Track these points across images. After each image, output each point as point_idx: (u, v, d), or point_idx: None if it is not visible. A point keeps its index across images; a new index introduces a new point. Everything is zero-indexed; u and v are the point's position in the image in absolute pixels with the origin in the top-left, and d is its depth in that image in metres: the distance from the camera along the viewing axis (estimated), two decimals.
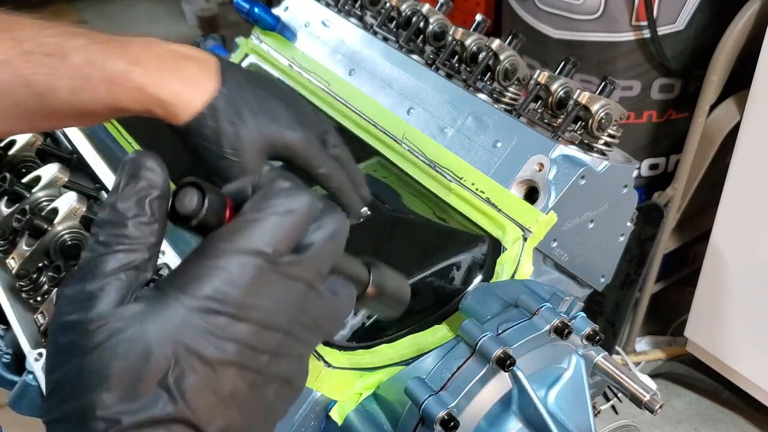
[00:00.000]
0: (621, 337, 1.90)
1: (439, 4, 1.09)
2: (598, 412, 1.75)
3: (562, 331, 0.66)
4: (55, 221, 0.78)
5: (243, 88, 0.64)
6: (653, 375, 1.95)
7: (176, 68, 0.61)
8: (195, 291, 0.36)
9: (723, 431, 1.83)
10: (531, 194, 0.90)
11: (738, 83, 1.53)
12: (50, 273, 0.71)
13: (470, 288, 0.85)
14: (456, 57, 1.04)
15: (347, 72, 1.13)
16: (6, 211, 0.83)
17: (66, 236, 0.78)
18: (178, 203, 0.39)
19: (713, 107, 1.57)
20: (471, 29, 1.04)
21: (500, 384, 0.66)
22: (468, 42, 1.01)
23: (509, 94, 0.99)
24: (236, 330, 0.36)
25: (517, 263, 0.86)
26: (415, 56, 1.08)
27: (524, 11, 1.76)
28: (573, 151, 0.88)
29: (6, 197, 0.84)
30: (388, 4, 1.13)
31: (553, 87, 0.91)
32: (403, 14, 1.11)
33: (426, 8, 1.07)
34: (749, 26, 1.46)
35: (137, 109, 0.60)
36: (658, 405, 0.68)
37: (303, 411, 0.70)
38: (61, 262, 0.70)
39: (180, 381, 0.35)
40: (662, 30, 1.57)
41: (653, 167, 1.81)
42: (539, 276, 0.93)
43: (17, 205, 0.82)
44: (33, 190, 0.84)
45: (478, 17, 1.06)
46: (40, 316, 0.71)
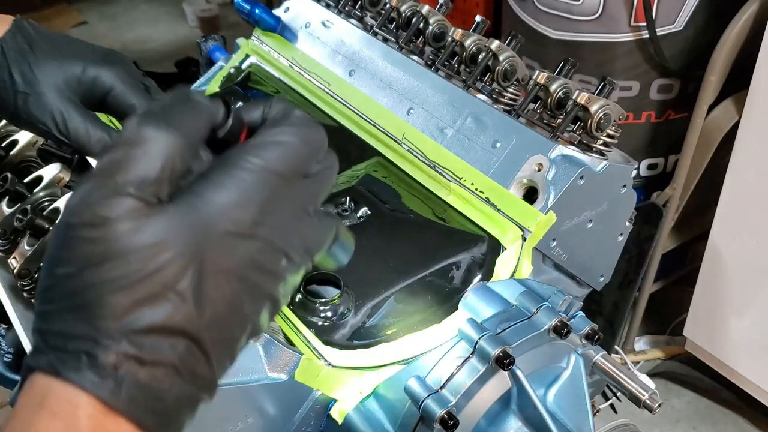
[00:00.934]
0: (620, 337, 1.91)
1: (439, 5, 1.09)
2: (597, 411, 1.76)
3: (561, 331, 0.67)
4: (57, 221, 0.79)
5: (33, 29, 0.62)
6: (652, 374, 1.96)
7: None
8: (216, 199, 0.36)
9: (722, 430, 1.84)
10: (530, 194, 0.90)
11: (736, 83, 1.53)
12: None
13: (470, 287, 0.86)
14: (455, 58, 1.04)
15: (347, 72, 1.14)
16: (7, 211, 0.83)
17: None
18: None
19: (712, 107, 1.57)
20: (470, 30, 1.05)
21: (499, 383, 0.66)
22: (467, 43, 1.02)
23: (508, 95, 1.00)
24: (248, 244, 0.37)
25: (517, 263, 0.86)
26: (415, 57, 1.08)
27: (523, 12, 1.77)
28: (572, 152, 0.88)
29: (7, 197, 0.84)
30: (388, 5, 1.13)
31: (552, 87, 0.91)
32: (403, 15, 1.11)
33: (426, 9, 1.07)
34: (748, 27, 1.46)
35: None
36: (657, 404, 0.68)
37: (303, 410, 0.71)
38: None
39: (193, 286, 0.35)
40: (661, 30, 1.57)
41: (652, 167, 1.81)
42: (538, 275, 0.93)
43: (19, 205, 0.82)
44: (34, 190, 0.84)
45: (478, 18, 1.06)
46: None
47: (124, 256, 0.34)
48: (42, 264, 0.38)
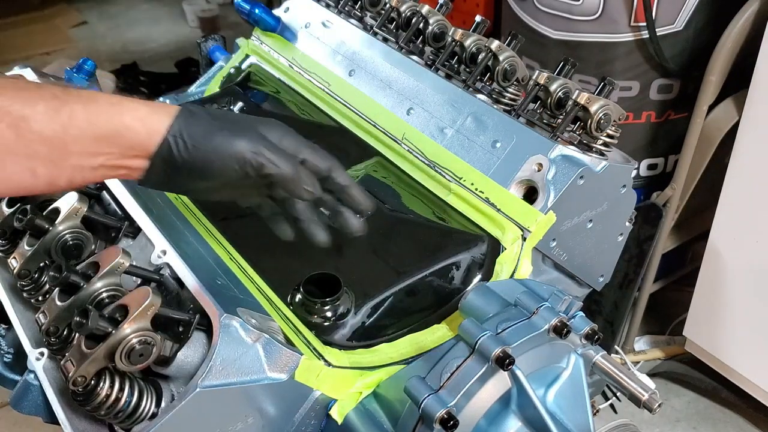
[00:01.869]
0: (620, 337, 1.91)
1: (439, 5, 1.10)
2: (597, 411, 1.76)
3: (561, 331, 0.67)
4: (57, 221, 0.79)
5: (192, 115, 0.68)
6: (652, 374, 1.96)
7: (140, 106, 0.66)
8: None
9: (722, 430, 1.84)
10: (530, 194, 0.90)
11: (736, 83, 1.53)
12: (51, 273, 0.71)
13: (470, 287, 0.86)
14: (455, 58, 1.04)
15: (347, 72, 1.13)
16: (7, 211, 0.83)
17: (67, 236, 0.79)
18: None
19: (712, 107, 1.57)
20: (470, 30, 1.05)
21: (499, 383, 0.66)
22: (467, 43, 1.02)
23: (508, 95, 1.00)
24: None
25: (516, 263, 0.86)
26: (415, 57, 1.08)
27: (523, 12, 1.77)
28: (572, 152, 0.88)
29: (7, 197, 0.84)
30: (388, 5, 1.13)
31: (552, 87, 0.91)
32: (403, 15, 1.11)
33: (426, 9, 1.07)
34: (748, 27, 1.46)
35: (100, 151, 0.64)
36: (657, 404, 0.68)
37: (303, 410, 0.71)
38: (63, 262, 0.71)
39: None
40: (661, 31, 1.57)
41: (652, 167, 1.81)
42: (538, 275, 0.93)
43: (18, 205, 0.82)
44: None
45: (478, 18, 1.07)
46: (42, 316, 0.71)
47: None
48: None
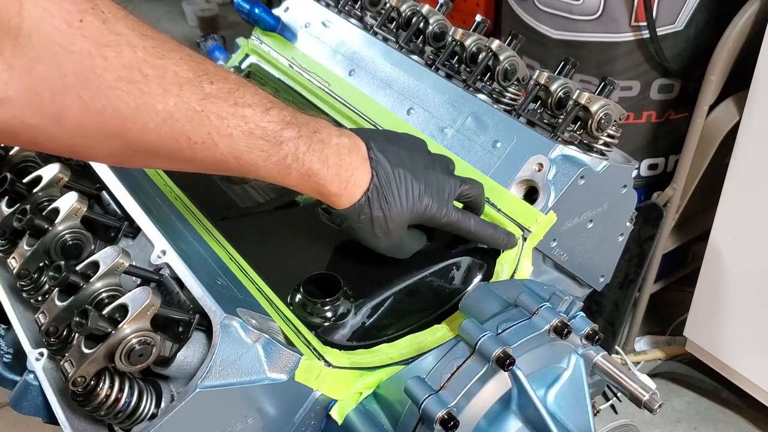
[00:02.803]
0: (620, 337, 1.91)
1: (439, 5, 1.09)
2: (598, 412, 1.76)
3: (562, 331, 0.67)
4: (56, 221, 0.78)
5: (387, 175, 0.75)
6: (652, 374, 1.96)
7: (343, 164, 0.72)
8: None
9: (722, 430, 1.84)
10: (530, 194, 0.90)
11: (737, 83, 1.53)
12: (51, 273, 0.71)
13: (470, 288, 0.86)
14: (456, 57, 1.04)
15: (347, 72, 1.13)
16: (7, 211, 0.83)
17: (67, 236, 0.78)
18: None
19: (712, 107, 1.57)
20: (471, 30, 1.05)
21: (500, 383, 0.66)
22: (468, 42, 1.02)
23: (509, 95, 1.00)
24: None
25: (517, 263, 0.86)
26: (415, 57, 1.08)
27: (524, 12, 1.76)
28: (572, 151, 0.88)
29: (7, 197, 0.84)
30: (388, 5, 1.13)
31: (553, 87, 0.91)
32: (403, 15, 1.11)
33: (426, 9, 1.07)
34: (748, 27, 1.46)
35: (304, 191, 0.73)
36: (658, 404, 0.68)
37: (303, 410, 0.71)
38: (62, 262, 0.71)
39: None
40: (661, 30, 1.57)
41: (652, 167, 1.81)
42: (539, 276, 0.93)
43: (18, 205, 0.82)
44: (34, 190, 0.84)
45: (478, 18, 1.06)
46: (41, 316, 0.71)
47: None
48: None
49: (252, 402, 0.67)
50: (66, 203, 0.80)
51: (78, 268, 0.71)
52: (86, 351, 0.62)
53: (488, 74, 1.00)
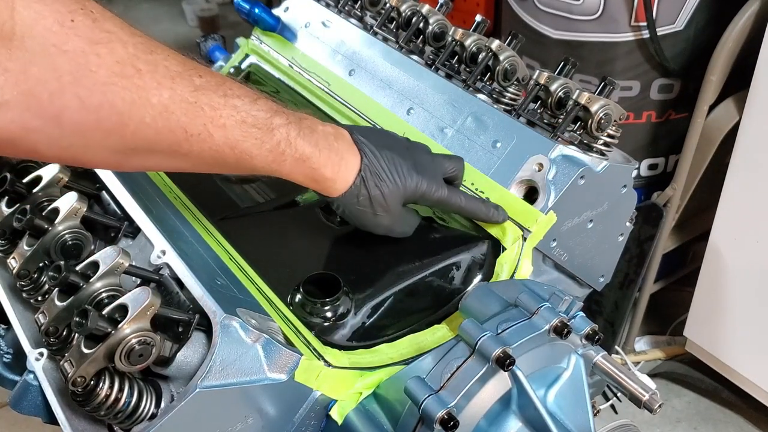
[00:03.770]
0: (620, 337, 1.91)
1: (439, 5, 1.09)
2: (598, 412, 1.76)
3: (562, 331, 0.67)
4: (56, 221, 0.78)
5: (375, 155, 0.78)
6: (652, 374, 1.96)
7: (332, 148, 0.74)
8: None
9: (722, 430, 1.84)
10: (530, 194, 0.90)
11: (737, 83, 1.53)
12: (51, 273, 0.71)
13: (470, 288, 0.86)
14: (456, 57, 1.04)
15: (347, 72, 1.13)
16: (7, 211, 0.83)
17: (67, 236, 0.78)
18: None
19: (712, 107, 1.57)
20: (471, 30, 1.05)
21: (500, 383, 0.66)
22: (468, 42, 1.02)
23: (509, 95, 1.00)
24: None
25: (517, 263, 0.86)
26: (415, 57, 1.08)
27: (524, 12, 1.76)
28: (572, 151, 0.88)
29: (7, 197, 0.84)
30: (388, 5, 1.13)
31: (553, 87, 0.91)
32: (403, 15, 1.11)
33: (426, 9, 1.07)
34: (748, 26, 1.46)
35: (301, 181, 0.74)
36: (658, 404, 0.68)
37: (303, 410, 0.71)
38: (62, 262, 0.71)
39: None
40: (661, 30, 1.57)
41: (652, 167, 1.81)
42: (539, 276, 0.93)
43: (18, 205, 0.82)
44: (34, 190, 0.84)
45: (478, 18, 1.06)
46: (41, 316, 0.71)
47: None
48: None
49: (252, 402, 0.67)
50: (66, 203, 0.80)
51: (78, 268, 0.71)
52: (86, 351, 0.62)
53: (488, 74, 1.00)
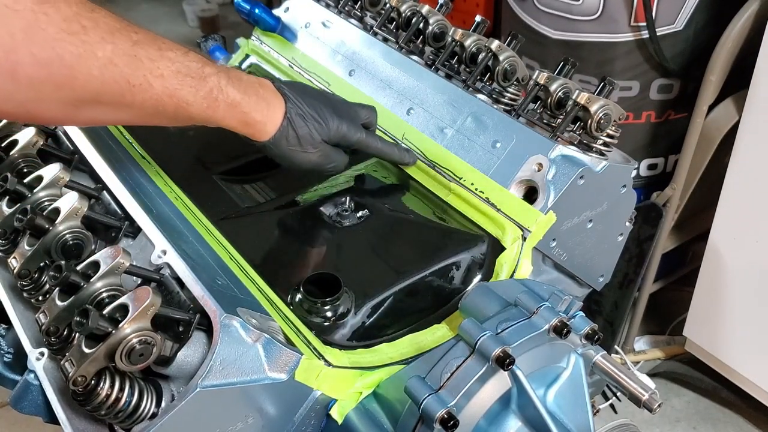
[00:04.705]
0: (620, 337, 1.91)
1: (439, 5, 1.10)
2: (597, 411, 1.76)
3: (561, 331, 0.67)
4: (57, 221, 0.78)
5: (298, 100, 0.85)
6: (652, 374, 1.96)
7: (259, 95, 0.81)
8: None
9: (722, 430, 1.84)
10: (530, 194, 0.90)
11: (736, 83, 1.53)
12: (51, 273, 0.71)
13: (470, 287, 0.86)
14: (455, 58, 1.04)
15: (347, 72, 1.14)
16: (7, 211, 0.83)
17: (67, 236, 0.78)
18: None
19: (712, 107, 1.57)
20: (470, 30, 1.05)
21: (499, 383, 0.66)
22: (467, 43, 1.02)
23: (508, 95, 1.00)
24: None
25: (516, 263, 0.86)
26: (415, 57, 1.08)
27: (523, 12, 1.77)
28: (572, 152, 0.88)
29: (7, 197, 0.84)
30: (388, 5, 1.13)
31: (552, 87, 0.91)
32: (403, 15, 1.11)
33: (426, 9, 1.07)
34: (748, 27, 1.46)
35: (234, 126, 0.80)
36: (657, 404, 0.68)
37: (303, 410, 0.71)
38: (63, 262, 0.71)
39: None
40: (661, 30, 1.57)
41: (652, 167, 1.81)
42: (538, 275, 0.93)
43: (19, 205, 0.82)
44: (34, 190, 0.84)
45: (478, 18, 1.07)
46: (42, 316, 0.71)
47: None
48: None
49: (252, 401, 0.67)
50: (66, 203, 0.80)
51: (78, 268, 0.71)
52: (87, 350, 0.62)
53: (488, 74, 1.00)
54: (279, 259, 0.88)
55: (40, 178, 0.86)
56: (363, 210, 0.94)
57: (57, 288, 0.71)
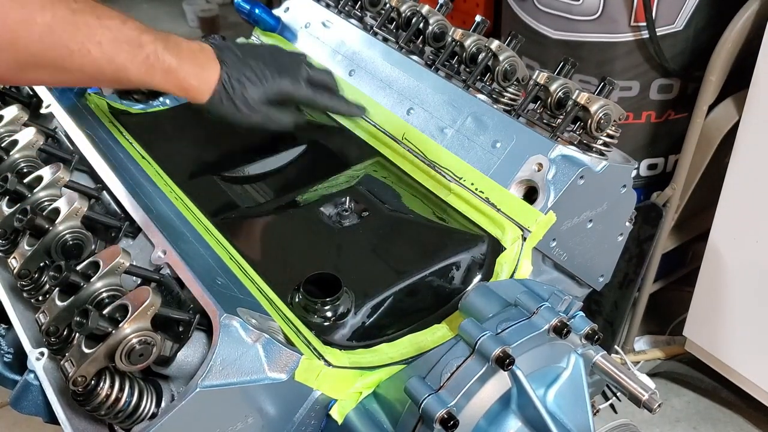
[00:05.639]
0: (620, 337, 1.91)
1: (439, 5, 1.10)
2: (597, 411, 1.76)
3: (561, 331, 0.67)
4: (57, 221, 0.78)
5: (236, 64, 0.89)
6: (652, 374, 1.96)
7: (196, 61, 0.86)
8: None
9: (722, 430, 1.84)
10: (530, 194, 0.90)
11: (736, 83, 1.53)
12: (51, 273, 0.71)
13: (470, 287, 0.86)
14: (455, 58, 1.04)
15: (347, 72, 1.14)
16: (7, 211, 0.83)
17: (67, 236, 0.79)
18: None
19: (712, 107, 1.57)
20: (470, 30, 1.05)
21: (499, 383, 0.66)
22: (467, 43, 1.02)
23: (508, 95, 1.00)
24: None
25: (517, 263, 0.86)
26: (415, 57, 1.08)
27: (523, 12, 1.77)
28: (572, 152, 0.88)
29: (7, 197, 0.84)
30: (388, 5, 1.13)
31: (552, 87, 0.91)
32: (403, 15, 1.11)
33: (426, 9, 1.07)
34: (748, 27, 1.46)
35: (172, 90, 0.86)
36: (657, 404, 0.68)
37: (303, 410, 0.71)
38: (63, 262, 0.71)
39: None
40: (661, 30, 1.57)
41: (652, 167, 1.81)
42: (538, 275, 0.93)
43: (19, 205, 0.82)
44: (34, 190, 0.84)
45: (478, 18, 1.07)
46: (42, 316, 0.71)
47: None
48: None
49: (252, 401, 0.67)
50: (66, 203, 0.80)
51: (78, 268, 0.71)
52: (87, 351, 0.62)
53: (488, 74, 1.00)
54: (279, 259, 0.88)
55: (40, 178, 0.86)
56: (363, 210, 0.94)
57: (57, 288, 0.71)
